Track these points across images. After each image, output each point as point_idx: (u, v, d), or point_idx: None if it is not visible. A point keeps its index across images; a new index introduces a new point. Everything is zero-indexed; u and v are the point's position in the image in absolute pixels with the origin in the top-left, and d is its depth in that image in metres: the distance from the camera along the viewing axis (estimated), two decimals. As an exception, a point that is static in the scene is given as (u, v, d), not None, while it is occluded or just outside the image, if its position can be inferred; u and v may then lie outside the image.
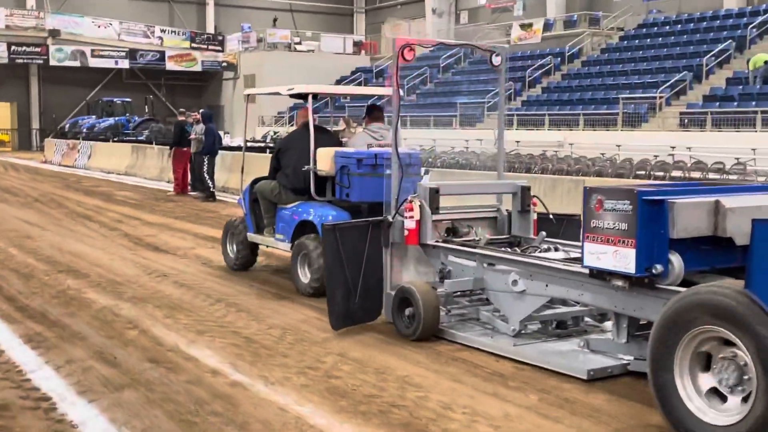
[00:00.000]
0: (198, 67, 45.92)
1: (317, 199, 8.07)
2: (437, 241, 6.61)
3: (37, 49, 42.23)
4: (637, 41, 29.91)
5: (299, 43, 45.53)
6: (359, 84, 40.71)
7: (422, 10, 44.94)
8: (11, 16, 42.12)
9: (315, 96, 8.64)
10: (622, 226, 4.80)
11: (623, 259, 4.82)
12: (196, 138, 18.10)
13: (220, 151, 18.63)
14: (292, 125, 36.39)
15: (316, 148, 8.10)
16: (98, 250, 10.57)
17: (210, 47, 46.60)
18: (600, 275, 5.04)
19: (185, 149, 18.73)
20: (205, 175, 17.68)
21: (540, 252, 6.33)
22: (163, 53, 44.79)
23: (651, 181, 16.01)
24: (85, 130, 37.81)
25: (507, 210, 7.23)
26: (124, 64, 44.28)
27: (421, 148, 28.08)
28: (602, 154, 21.60)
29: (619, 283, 4.94)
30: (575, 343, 5.84)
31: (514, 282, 5.86)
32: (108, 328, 6.54)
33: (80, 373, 5.34)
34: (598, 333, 6.06)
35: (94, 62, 43.35)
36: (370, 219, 6.74)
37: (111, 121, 38.78)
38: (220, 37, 47.13)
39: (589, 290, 5.30)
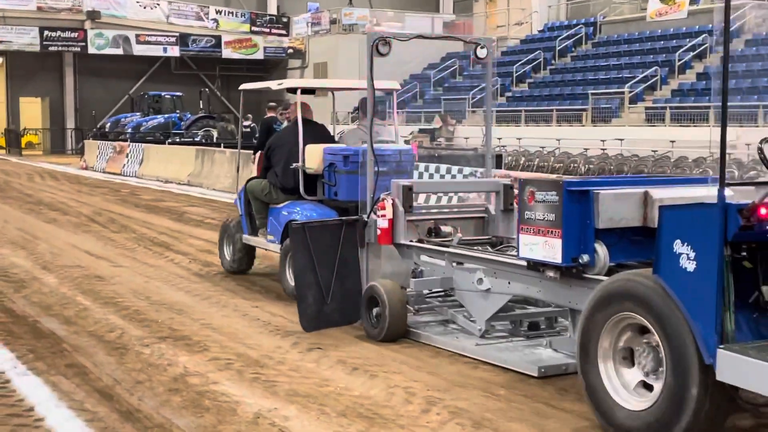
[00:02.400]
0: (259, 55, 44.11)
1: (307, 199, 8.51)
2: (411, 241, 7.04)
3: (74, 35, 40.83)
4: (819, 13, 27.20)
5: (378, 25, 43.55)
6: (453, 72, 38.62)
7: (527, -18, 42.58)
8: (44, -4, 40.91)
9: (311, 91, 9.50)
10: (550, 216, 5.41)
11: (551, 249, 5.43)
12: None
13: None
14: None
15: (305, 145, 8.51)
16: (203, 301, 8.37)
17: (273, 31, 44.79)
18: (535, 267, 5.66)
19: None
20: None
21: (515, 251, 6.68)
22: (218, 38, 43.13)
23: None
24: (129, 129, 36.23)
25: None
26: (174, 51, 42.66)
27: (540, 149, 25.97)
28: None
29: (551, 273, 5.56)
30: (541, 343, 6.33)
31: (479, 280, 6.33)
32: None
33: None
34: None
35: (139, 49, 41.86)
36: (344, 218, 7.33)
37: (160, 119, 36.96)
38: (285, 19, 45.24)
39: (544, 286, 5.75)
